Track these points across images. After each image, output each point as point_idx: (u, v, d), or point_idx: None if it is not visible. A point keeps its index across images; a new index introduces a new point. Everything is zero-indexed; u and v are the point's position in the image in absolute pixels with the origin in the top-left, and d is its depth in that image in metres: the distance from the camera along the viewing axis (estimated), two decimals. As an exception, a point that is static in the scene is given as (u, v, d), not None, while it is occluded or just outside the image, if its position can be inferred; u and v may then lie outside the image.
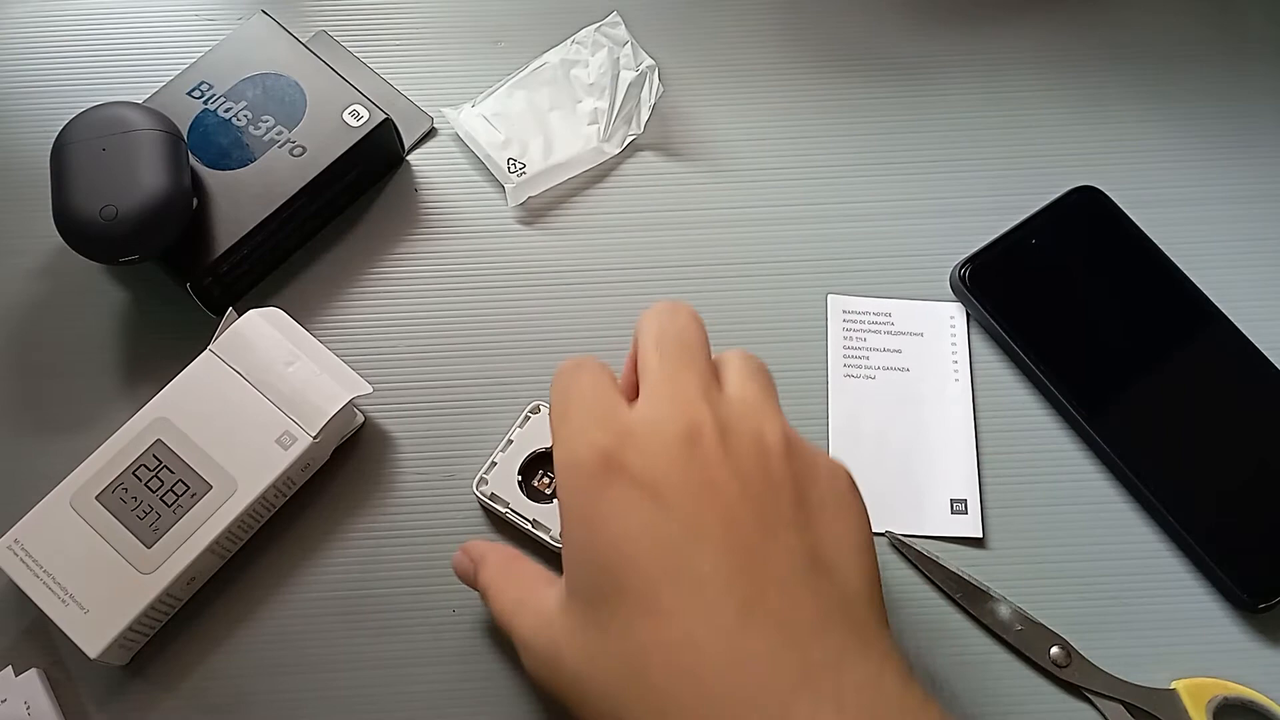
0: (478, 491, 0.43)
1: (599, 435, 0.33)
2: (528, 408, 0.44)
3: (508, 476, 0.44)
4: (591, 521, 0.32)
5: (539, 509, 0.44)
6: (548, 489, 0.44)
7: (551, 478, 0.43)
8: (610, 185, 0.54)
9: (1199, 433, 0.48)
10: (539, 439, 0.44)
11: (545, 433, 0.43)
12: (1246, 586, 0.45)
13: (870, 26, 0.58)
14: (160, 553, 0.42)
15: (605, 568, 0.32)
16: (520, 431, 0.45)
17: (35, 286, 0.51)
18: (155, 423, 0.44)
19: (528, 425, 0.45)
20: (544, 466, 0.44)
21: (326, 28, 0.57)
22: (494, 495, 0.44)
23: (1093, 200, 0.53)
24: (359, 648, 0.45)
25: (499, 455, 0.44)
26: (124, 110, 0.48)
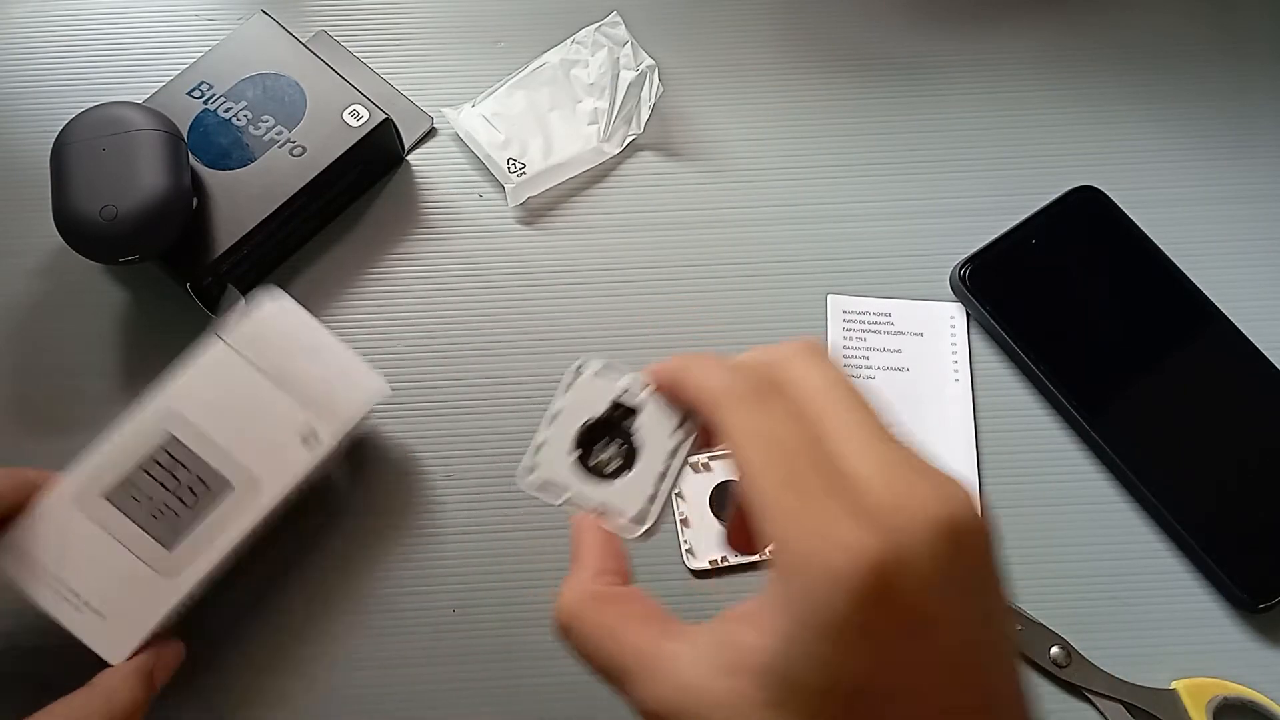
0: (525, 483, 0.34)
1: (852, 530, 0.24)
2: (573, 366, 0.35)
3: (561, 456, 0.35)
4: (849, 646, 0.24)
5: (606, 490, 0.34)
6: (612, 463, 0.34)
7: (621, 442, 0.34)
8: (610, 185, 0.54)
9: (1199, 432, 0.48)
10: (592, 404, 0.35)
11: (598, 396, 0.35)
12: (1246, 586, 0.45)
13: (870, 27, 0.58)
14: (183, 555, 0.40)
15: (858, 692, 0.24)
16: (568, 399, 0.35)
17: (35, 286, 0.51)
18: (166, 416, 0.42)
19: (576, 388, 0.35)
20: (605, 433, 0.35)
21: (326, 28, 0.57)
22: (547, 484, 0.34)
23: (1093, 200, 0.53)
24: (360, 647, 0.45)
25: (546, 432, 0.35)
26: (124, 110, 0.48)
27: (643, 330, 0.51)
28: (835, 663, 0.24)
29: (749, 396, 0.27)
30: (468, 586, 0.46)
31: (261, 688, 0.44)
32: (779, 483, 0.25)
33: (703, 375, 0.29)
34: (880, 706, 0.24)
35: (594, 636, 0.28)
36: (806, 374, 0.28)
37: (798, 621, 0.24)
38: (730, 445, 0.27)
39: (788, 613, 0.24)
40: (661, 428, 0.33)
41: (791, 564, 0.24)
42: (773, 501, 0.25)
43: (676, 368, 0.31)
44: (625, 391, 0.34)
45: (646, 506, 0.32)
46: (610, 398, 0.34)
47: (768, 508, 0.25)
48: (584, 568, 0.30)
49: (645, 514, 0.32)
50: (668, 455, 0.33)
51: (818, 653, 0.24)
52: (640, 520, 0.32)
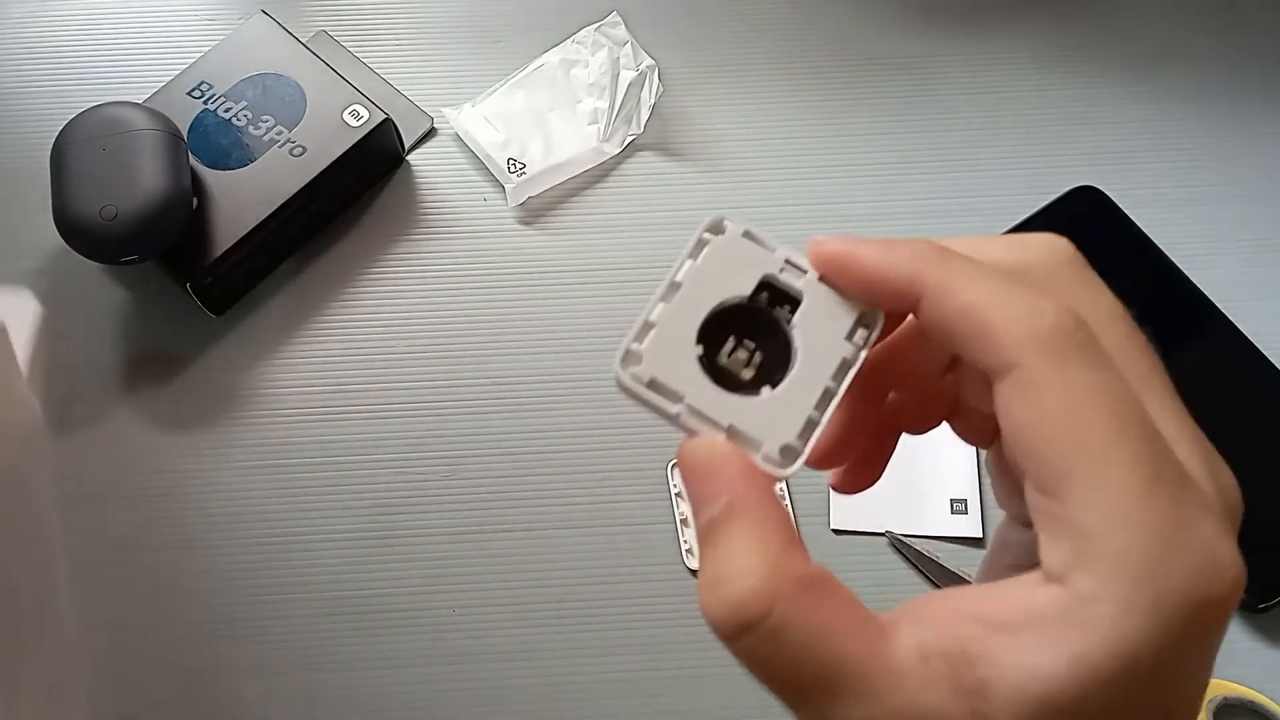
0: (625, 377, 0.23)
1: (1229, 551, 0.21)
2: (703, 226, 0.24)
3: (679, 347, 0.23)
4: (1176, 679, 0.20)
5: (743, 405, 0.23)
6: (747, 369, 0.24)
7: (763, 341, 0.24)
8: (610, 185, 0.54)
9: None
10: (732, 279, 0.24)
11: (742, 268, 0.24)
12: (1247, 587, 0.45)
13: (870, 27, 0.58)
14: None
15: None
16: (698, 267, 0.24)
17: (36, 286, 0.51)
18: None
19: (711, 254, 0.24)
20: (741, 327, 0.24)
21: (326, 28, 0.57)
22: (655, 382, 0.23)
23: (1093, 200, 0.53)
24: (360, 647, 0.45)
25: (659, 310, 0.24)
26: (124, 110, 0.48)
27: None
28: (1161, 692, 0.19)
29: (1064, 339, 0.20)
30: (468, 587, 0.46)
31: (262, 688, 0.44)
32: (1132, 466, 0.19)
33: (985, 293, 0.21)
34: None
35: (802, 639, 0.20)
36: (1089, 301, 0.22)
37: (1141, 647, 0.19)
38: (1041, 402, 0.20)
39: (1122, 634, 0.19)
40: (828, 329, 0.23)
41: (1148, 577, 0.19)
42: (1131, 495, 0.19)
43: (901, 257, 0.22)
44: (784, 268, 0.24)
45: (801, 437, 0.23)
46: (761, 273, 0.24)
47: (1111, 491, 0.19)
48: (765, 533, 0.21)
49: (798, 449, 0.23)
50: (835, 369, 0.23)
51: (1154, 682, 0.19)
52: (789, 457, 0.23)
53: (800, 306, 0.23)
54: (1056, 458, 0.20)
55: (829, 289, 0.23)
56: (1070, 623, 0.19)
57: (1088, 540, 0.19)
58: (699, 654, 0.44)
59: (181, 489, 0.48)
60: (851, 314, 0.23)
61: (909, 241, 0.22)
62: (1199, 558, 0.19)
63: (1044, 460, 0.20)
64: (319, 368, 0.50)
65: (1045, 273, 0.22)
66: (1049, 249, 0.22)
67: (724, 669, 0.44)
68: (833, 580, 0.21)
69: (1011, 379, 0.20)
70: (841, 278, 0.23)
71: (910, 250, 0.22)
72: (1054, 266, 0.22)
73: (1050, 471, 0.20)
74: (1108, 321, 0.22)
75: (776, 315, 0.24)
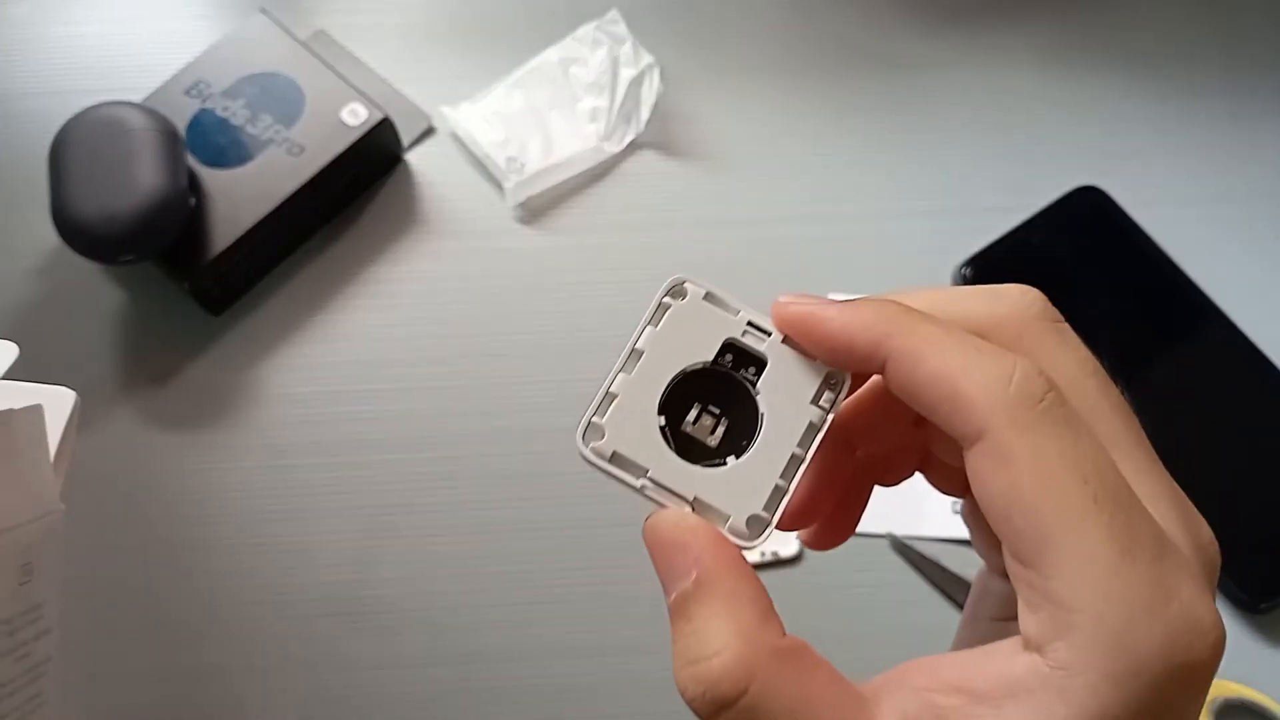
0: (588, 451, 0.23)
1: (1208, 612, 0.20)
2: (663, 290, 0.25)
3: (641, 418, 0.23)
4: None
5: (709, 476, 0.23)
6: (712, 436, 0.23)
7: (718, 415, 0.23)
8: (610, 184, 0.54)
9: (1199, 432, 0.48)
10: (694, 344, 0.24)
11: (704, 332, 0.24)
12: (1247, 587, 0.45)
13: (872, 26, 0.58)
14: None
15: None
16: (658, 333, 0.24)
17: (35, 286, 0.51)
18: None
19: (672, 318, 0.24)
20: (705, 391, 0.24)
21: (324, 27, 0.57)
22: (618, 456, 0.23)
23: (1095, 200, 0.53)
24: (359, 648, 0.45)
25: (619, 381, 0.23)
26: (122, 110, 0.48)
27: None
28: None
29: (1034, 406, 0.20)
30: (467, 587, 0.46)
31: (261, 688, 0.44)
32: (1107, 536, 0.19)
33: (953, 359, 0.20)
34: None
35: (781, 715, 0.20)
36: (1060, 358, 0.22)
37: (1121, 717, 0.18)
38: (1012, 472, 0.20)
39: (1102, 705, 0.18)
40: (794, 393, 0.23)
41: (1127, 646, 0.19)
42: (1107, 565, 0.19)
43: (866, 319, 0.22)
44: (747, 330, 0.24)
45: (768, 507, 0.23)
46: (724, 336, 0.24)
47: (1086, 563, 0.19)
48: (738, 606, 0.21)
49: (766, 520, 0.23)
50: (802, 434, 0.23)
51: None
52: (757, 528, 0.22)
53: (764, 370, 0.23)
54: (1030, 530, 0.19)
55: (793, 350, 0.23)
56: (1050, 694, 0.19)
57: (1065, 612, 0.19)
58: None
59: (179, 488, 0.48)
60: (817, 376, 0.23)
61: (873, 302, 0.22)
62: (1179, 624, 0.19)
63: (1018, 531, 0.20)
64: (317, 367, 0.50)
65: (1016, 328, 0.22)
66: (1019, 302, 0.22)
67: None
68: (810, 652, 0.21)
69: (981, 447, 0.20)
70: (805, 340, 0.23)
71: (875, 312, 0.22)
72: (1025, 321, 0.22)
73: (1025, 543, 0.19)
74: (1079, 377, 0.22)
75: (741, 378, 0.23)
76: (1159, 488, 0.21)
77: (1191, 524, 0.21)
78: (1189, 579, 0.19)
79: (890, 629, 0.44)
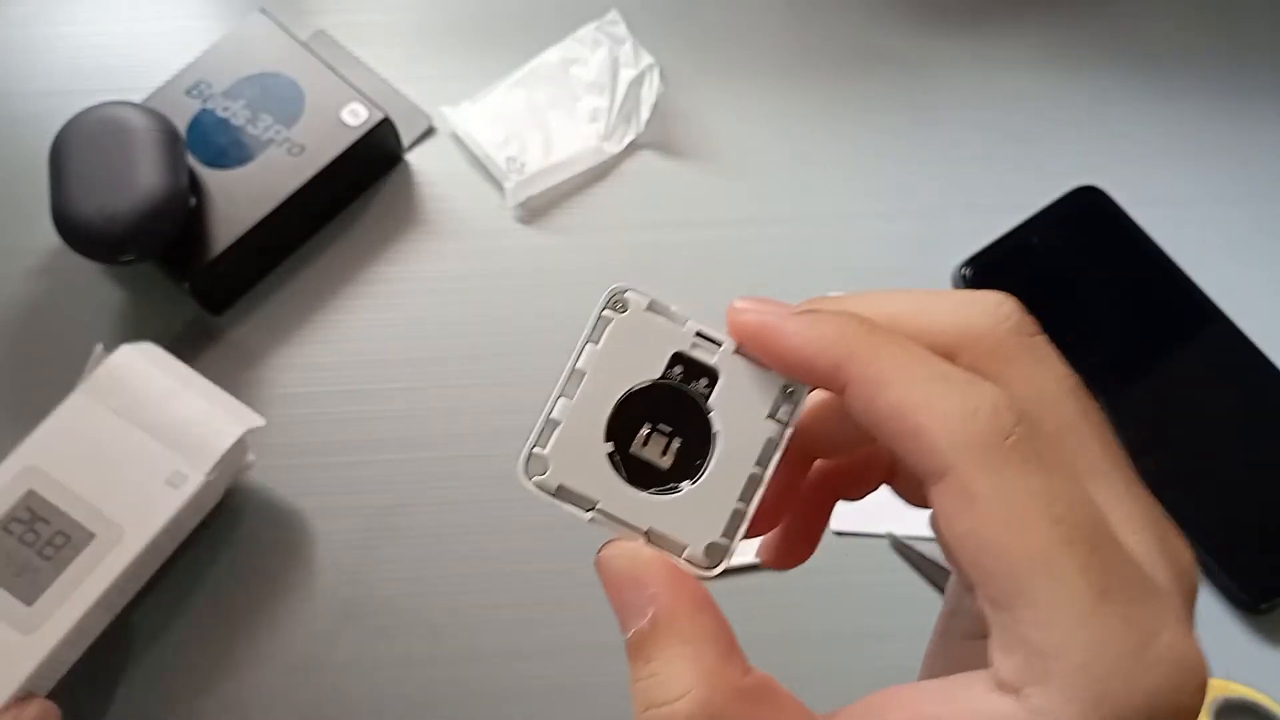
0: (530, 485, 0.22)
1: (1191, 651, 0.19)
2: (602, 302, 0.23)
3: (587, 446, 0.22)
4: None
5: (661, 504, 0.22)
6: (666, 458, 0.22)
7: (669, 434, 0.22)
8: (610, 184, 0.54)
9: (1200, 432, 0.48)
10: (639, 360, 0.22)
11: (650, 346, 0.22)
12: (1247, 587, 0.45)
13: (872, 26, 0.58)
14: (44, 611, 0.39)
15: None
16: (596, 351, 0.23)
17: (35, 286, 0.51)
18: (24, 473, 0.41)
19: (614, 333, 0.23)
20: (654, 409, 0.22)
21: (325, 27, 0.57)
22: (564, 489, 0.22)
23: (1094, 200, 0.53)
24: (358, 649, 0.45)
25: (559, 407, 0.22)
26: (122, 110, 0.48)
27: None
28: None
29: (1000, 442, 0.19)
30: (467, 587, 0.46)
31: (260, 688, 0.44)
32: (1083, 580, 0.18)
33: (916, 390, 0.19)
34: None
35: None
36: (1036, 376, 0.21)
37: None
38: (979, 514, 0.19)
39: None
40: (749, 408, 0.22)
41: (1109, 696, 0.18)
42: (1084, 609, 0.18)
43: (828, 336, 0.20)
44: (696, 342, 0.22)
45: (727, 533, 0.21)
46: (671, 350, 0.22)
47: (1062, 610, 0.18)
48: (699, 646, 0.20)
49: (725, 546, 0.21)
50: (760, 452, 0.22)
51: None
52: (716, 555, 0.21)
53: (717, 385, 0.22)
54: (1001, 574, 0.18)
55: (747, 361, 0.22)
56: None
57: (1041, 658, 0.18)
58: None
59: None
60: (773, 387, 0.22)
61: (835, 318, 0.20)
62: (1163, 669, 0.18)
63: (989, 575, 0.19)
64: (317, 367, 0.50)
65: (990, 343, 0.20)
66: (995, 313, 0.21)
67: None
68: (775, 689, 0.20)
69: (945, 486, 0.19)
70: (761, 354, 0.22)
71: (837, 329, 0.20)
72: (999, 335, 0.21)
73: (996, 587, 0.18)
74: (1056, 398, 0.20)
75: (692, 391, 0.22)
76: (1137, 514, 0.20)
77: (1171, 549, 0.20)
78: (1171, 617, 0.18)
79: (890, 629, 0.44)
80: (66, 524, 0.40)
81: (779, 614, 0.45)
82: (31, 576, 0.40)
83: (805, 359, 0.20)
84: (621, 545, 0.21)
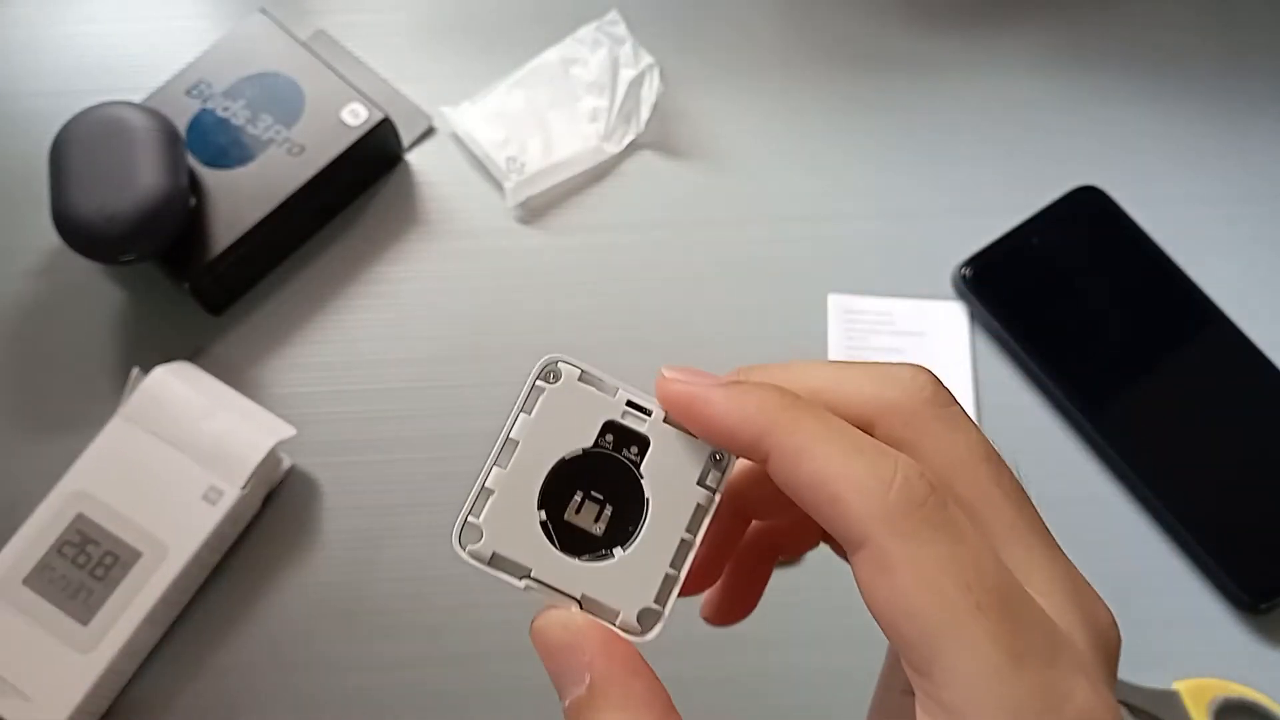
0: (466, 554, 0.23)
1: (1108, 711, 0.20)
2: (537, 369, 0.24)
3: (520, 514, 0.23)
4: None
5: (595, 571, 0.22)
6: (601, 520, 0.23)
7: (601, 501, 0.23)
8: (610, 184, 0.54)
9: (1200, 432, 0.48)
10: (570, 429, 0.23)
11: (581, 416, 0.23)
12: (1247, 586, 0.45)
13: (872, 26, 0.58)
14: (97, 629, 0.41)
15: None
16: (533, 421, 0.23)
17: (34, 286, 0.51)
18: (73, 497, 0.43)
19: (546, 404, 0.24)
20: (586, 476, 0.23)
21: (325, 27, 0.57)
22: (497, 557, 0.23)
23: (1095, 200, 0.53)
24: (357, 650, 0.45)
25: (494, 475, 0.24)
26: (122, 110, 0.48)
27: (643, 330, 0.51)
28: None
29: (913, 512, 0.19)
30: (467, 587, 0.46)
31: (260, 688, 0.44)
32: (994, 644, 0.19)
33: (834, 462, 0.20)
34: None
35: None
36: (949, 445, 0.21)
37: None
38: (894, 581, 0.19)
39: None
40: (679, 474, 0.22)
41: None
42: (995, 673, 0.18)
43: (750, 409, 0.21)
44: (626, 411, 0.23)
45: (660, 599, 0.22)
46: (602, 419, 0.23)
47: (974, 674, 0.19)
48: (635, 712, 0.20)
49: (658, 612, 0.22)
50: (690, 518, 0.22)
51: None
52: (649, 621, 0.22)
53: (648, 452, 0.22)
54: (917, 639, 0.19)
55: (676, 430, 0.23)
56: None
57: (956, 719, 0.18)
58: (697, 659, 0.44)
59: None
60: (701, 455, 0.22)
61: (757, 390, 0.21)
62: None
63: (906, 641, 0.19)
64: (317, 367, 0.50)
65: (905, 415, 0.21)
66: (910, 385, 0.22)
67: (723, 670, 0.44)
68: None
69: (863, 555, 0.20)
70: (688, 424, 0.22)
71: (759, 401, 0.21)
72: (914, 406, 0.21)
73: (914, 653, 0.19)
74: (970, 463, 0.21)
75: (624, 458, 0.23)
76: (1053, 575, 0.20)
77: (1088, 609, 0.20)
78: (1084, 678, 0.19)
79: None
80: (115, 544, 0.42)
81: (782, 614, 0.45)
82: (85, 597, 0.42)
83: (729, 429, 0.21)
84: (555, 613, 0.22)
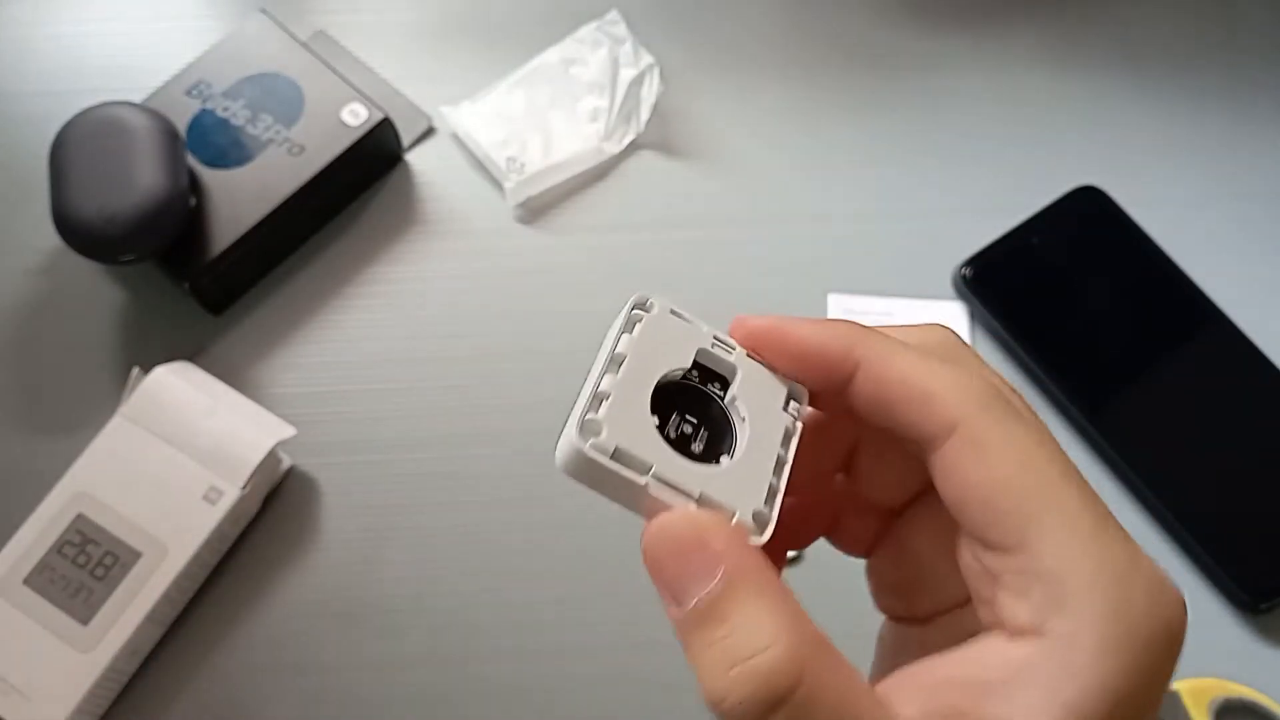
0: (589, 447, 0.22)
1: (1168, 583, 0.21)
2: (630, 303, 0.24)
3: (636, 416, 0.23)
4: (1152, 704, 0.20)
5: (706, 474, 0.22)
6: (699, 440, 0.23)
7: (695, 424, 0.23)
8: (610, 184, 0.54)
9: (1200, 432, 0.48)
10: (670, 352, 0.24)
11: (679, 343, 0.24)
12: (1248, 587, 0.45)
13: (872, 26, 0.58)
14: (97, 629, 0.41)
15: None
16: (635, 341, 0.24)
17: (34, 286, 0.51)
18: (74, 498, 0.43)
19: (645, 330, 0.24)
20: (679, 403, 0.23)
21: (325, 27, 0.57)
22: (620, 452, 0.22)
23: (1094, 200, 0.53)
24: (356, 650, 0.45)
25: (606, 381, 0.23)
26: (122, 110, 0.48)
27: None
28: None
29: (999, 400, 0.21)
30: (467, 587, 0.46)
31: (260, 689, 0.44)
32: (1083, 507, 0.20)
33: (917, 362, 0.22)
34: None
35: (830, 710, 0.19)
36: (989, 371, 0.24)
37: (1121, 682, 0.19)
38: (991, 459, 0.21)
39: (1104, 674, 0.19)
40: (767, 400, 0.24)
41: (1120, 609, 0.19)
42: (1089, 535, 0.20)
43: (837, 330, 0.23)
44: (715, 343, 0.24)
45: (768, 503, 0.22)
46: (695, 347, 0.24)
47: (1071, 534, 0.20)
48: (778, 597, 0.20)
49: (768, 515, 0.22)
50: (781, 438, 0.23)
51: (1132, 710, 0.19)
52: (761, 523, 0.22)
53: (735, 379, 0.24)
54: (1014, 511, 0.20)
55: (758, 363, 0.24)
56: (1054, 671, 0.19)
57: (1058, 585, 0.20)
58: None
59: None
60: (782, 386, 0.24)
61: (839, 318, 0.24)
62: (1153, 586, 0.20)
63: (1002, 513, 0.20)
64: (317, 367, 0.50)
65: (948, 354, 0.23)
66: (942, 335, 0.24)
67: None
68: (834, 646, 0.20)
69: (956, 439, 0.21)
70: (775, 351, 0.24)
71: (844, 324, 0.23)
72: (952, 348, 0.23)
73: (1010, 524, 0.20)
74: (1009, 392, 0.23)
75: (709, 391, 0.24)
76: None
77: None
78: (1140, 548, 0.21)
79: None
80: (114, 544, 0.42)
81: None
82: (85, 597, 0.42)
83: (819, 344, 0.23)
84: (680, 512, 0.21)
